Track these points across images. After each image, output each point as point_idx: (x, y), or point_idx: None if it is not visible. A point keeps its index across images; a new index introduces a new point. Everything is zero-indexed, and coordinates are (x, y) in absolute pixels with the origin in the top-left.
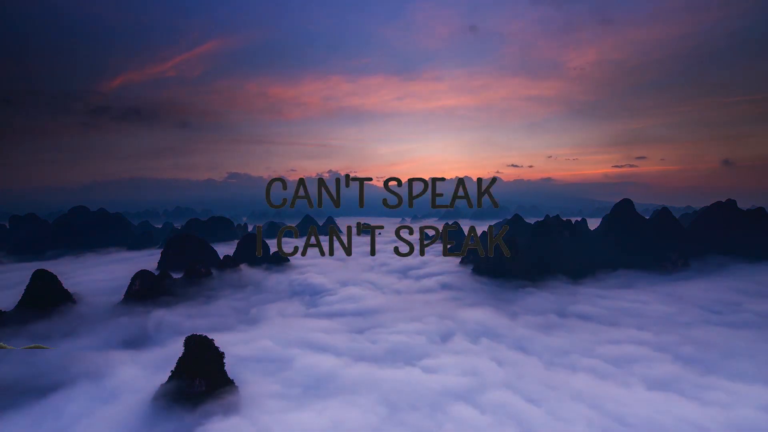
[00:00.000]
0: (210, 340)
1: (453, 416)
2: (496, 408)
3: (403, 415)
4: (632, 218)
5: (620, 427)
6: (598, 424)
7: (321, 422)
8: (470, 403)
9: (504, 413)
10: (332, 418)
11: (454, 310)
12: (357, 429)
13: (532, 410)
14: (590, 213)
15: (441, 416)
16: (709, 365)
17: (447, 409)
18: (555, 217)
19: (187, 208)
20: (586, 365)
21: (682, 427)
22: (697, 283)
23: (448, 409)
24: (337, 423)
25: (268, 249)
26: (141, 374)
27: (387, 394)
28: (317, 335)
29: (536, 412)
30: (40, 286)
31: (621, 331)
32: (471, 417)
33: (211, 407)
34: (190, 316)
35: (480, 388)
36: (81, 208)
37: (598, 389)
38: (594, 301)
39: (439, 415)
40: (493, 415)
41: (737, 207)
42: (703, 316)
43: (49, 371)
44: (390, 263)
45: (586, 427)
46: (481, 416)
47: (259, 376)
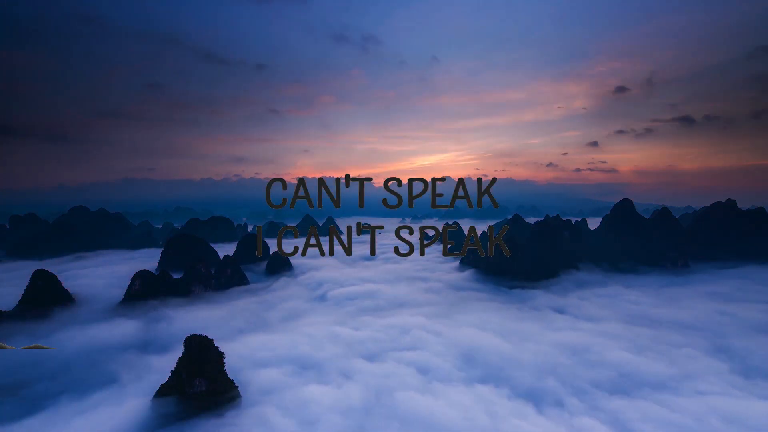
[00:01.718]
0: (210, 340)
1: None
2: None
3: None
4: (632, 218)
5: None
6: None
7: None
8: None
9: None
10: (332, 417)
11: (454, 310)
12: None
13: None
14: (590, 213)
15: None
16: (713, 368)
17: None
18: (555, 217)
19: (187, 208)
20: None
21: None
22: (697, 283)
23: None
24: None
25: (268, 249)
26: (141, 374)
27: (379, 388)
28: (317, 335)
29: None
30: (40, 286)
31: (621, 331)
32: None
33: (212, 407)
34: (190, 316)
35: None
36: (81, 208)
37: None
38: (594, 301)
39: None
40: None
41: (737, 207)
42: (702, 316)
43: (48, 371)
44: (390, 263)
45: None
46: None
47: (260, 376)
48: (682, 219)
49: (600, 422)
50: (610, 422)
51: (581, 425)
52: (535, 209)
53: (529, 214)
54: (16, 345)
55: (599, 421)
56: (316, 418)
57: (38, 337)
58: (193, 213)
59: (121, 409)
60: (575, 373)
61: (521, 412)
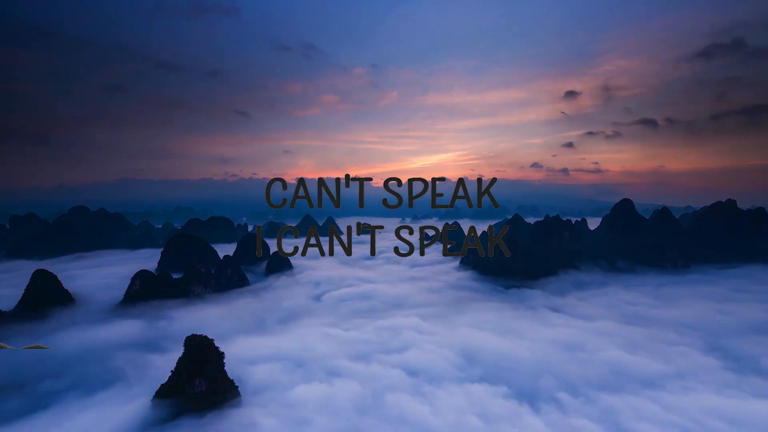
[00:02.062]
0: (210, 340)
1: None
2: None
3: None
4: (632, 218)
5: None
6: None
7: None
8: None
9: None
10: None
11: (452, 310)
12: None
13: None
14: (590, 213)
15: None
16: (707, 366)
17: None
18: (555, 217)
19: (187, 208)
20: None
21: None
22: (696, 283)
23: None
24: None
25: (268, 249)
26: (141, 374)
27: (377, 389)
28: (317, 335)
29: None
30: (40, 286)
31: (620, 330)
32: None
33: (212, 407)
34: (190, 316)
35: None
36: (81, 208)
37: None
38: (594, 300)
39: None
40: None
41: (737, 207)
42: (701, 316)
43: (48, 371)
44: (390, 263)
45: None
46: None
47: (260, 376)
48: (682, 219)
49: (592, 420)
50: (602, 420)
51: (576, 425)
52: (535, 209)
53: (529, 214)
54: (16, 345)
55: (591, 420)
56: (315, 418)
57: (38, 337)
58: (193, 213)
59: (121, 408)
60: (570, 371)
61: (515, 412)
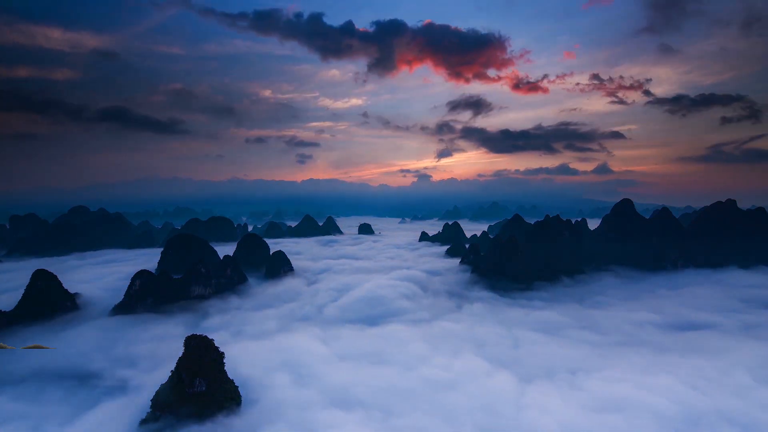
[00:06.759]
0: (210, 340)
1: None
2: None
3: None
4: (632, 218)
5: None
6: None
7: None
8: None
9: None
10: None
11: (451, 310)
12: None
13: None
14: (590, 213)
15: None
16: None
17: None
18: (555, 217)
19: (187, 208)
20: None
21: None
22: (696, 284)
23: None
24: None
25: (268, 249)
26: (141, 374)
27: (376, 396)
28: (318, 336)
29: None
30: (40, 286)
31: (619, 330)
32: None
33: (212, 407)
34: (190, 316)
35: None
36: (81, 208)
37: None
38: (594, 300)
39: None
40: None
41: (737, 207)
42: (701, 317)
43: (48, 371)
44: (390, 264)
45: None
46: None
47: (260, 376)
48: (682, 219)
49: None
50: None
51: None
52: (535, 209)
53: (529, 214)
54: (16, 345)
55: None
56: (314, 418)
57: (38, 337)
58: (193, 213)
59: (121, 408)
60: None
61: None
